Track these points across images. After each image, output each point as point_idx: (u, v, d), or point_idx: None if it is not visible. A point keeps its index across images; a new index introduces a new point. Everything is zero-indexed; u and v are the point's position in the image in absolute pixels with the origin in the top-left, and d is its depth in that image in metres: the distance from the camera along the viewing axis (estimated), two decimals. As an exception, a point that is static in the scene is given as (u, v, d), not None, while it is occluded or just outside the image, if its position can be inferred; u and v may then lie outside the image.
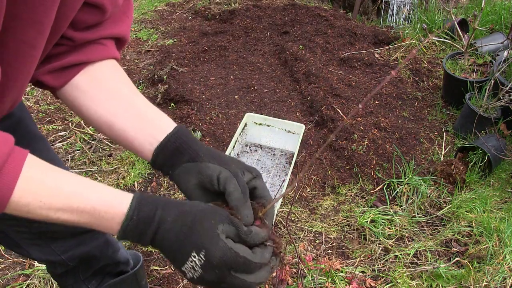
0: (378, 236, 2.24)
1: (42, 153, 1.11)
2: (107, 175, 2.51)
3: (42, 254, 1.23)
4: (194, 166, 0.80)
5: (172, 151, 0.83)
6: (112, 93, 0.87)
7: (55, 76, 0.85)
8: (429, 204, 2.47)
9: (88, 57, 0.85)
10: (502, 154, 2.64)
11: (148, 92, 3.24)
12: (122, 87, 0.89)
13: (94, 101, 0.86)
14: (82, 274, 1.36)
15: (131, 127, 0.85)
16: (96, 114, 0.86)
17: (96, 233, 1.29)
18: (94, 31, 0.85)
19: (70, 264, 1.28)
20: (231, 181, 0.76)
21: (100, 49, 0.87)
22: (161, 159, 0.83)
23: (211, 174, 0.78)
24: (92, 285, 1.40)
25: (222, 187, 0.77)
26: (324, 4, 4.87)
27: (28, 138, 1.06)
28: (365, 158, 2.65)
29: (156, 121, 0.86)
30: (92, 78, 0.87)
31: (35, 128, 1.10)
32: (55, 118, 2.93)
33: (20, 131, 1.03)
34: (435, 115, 3.15)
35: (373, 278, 2.05)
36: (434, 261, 2.13)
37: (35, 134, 1.09)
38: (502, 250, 2.14)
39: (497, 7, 4.14)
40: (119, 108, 0.86)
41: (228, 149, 2.39)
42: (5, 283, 1.92)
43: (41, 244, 1.21)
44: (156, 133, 0.84)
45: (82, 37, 0.84)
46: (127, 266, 1.49)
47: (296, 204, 2.40)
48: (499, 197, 2.54)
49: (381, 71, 3.56)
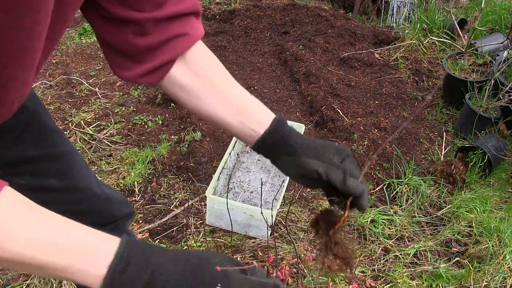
0: (378, 236, 2.24)
1: (59, 147, 1.11)
2: (107, 175, 2.51)
3: None
4: (291, 160, 0.89)
5: (271, 145, 0.90)
6: (209, 86, 0.91)
7: (150, 76, 0.88)
8: (429, 204, 2.47)
9: (176, 52, 0.88)
10: (502, 154, 2.64)
11: (148, 92, 3.24)
12: (217, 77, 0.93)
13: (192, 95, 0.91)
14: None
15: (232, 119, 0.91)
16: (197, 108, 0.93)
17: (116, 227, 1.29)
18: (162, 9, 0.84)
19: None
20: (330, 172, 0.85)
21: (183, 39, 0.88)
22: (262, 151, 0.92)
23: (310, 169, 0.86)
24: None
25: (325, 177, 0.85)
26: (324, 4, 4.86)
27: (44, 132, 1.06)
28: (365, 158, 2.65)
29: (254, 114, 0.92)
30: (187, 70, 0.91)
31: (50, 122, 1.09)
32: (55, 118, 2.93)
33: (34, 125, 1.03)
34: (435, 115, 3.15)
35: (373, 278, 2.05)
36: (434, 261, 2.13)
37: (51, 128, 1.08)
38: (502, 250, 2.14)
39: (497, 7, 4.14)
40: (218, 102, 0.91)
41: (228, 149, 2.39)
42: (5, 283, 1.92)
43: None
44: (256, 127, 0.91)
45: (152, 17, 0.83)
46: None
47: (296, 204, 2.40)
48: (499, 197, 2.54)
49: (381, 71, 3.56)
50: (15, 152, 1.02)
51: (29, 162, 1.05)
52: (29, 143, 1.04)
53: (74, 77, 3.32)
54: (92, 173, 1.25)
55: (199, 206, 2.34)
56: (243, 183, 2.48)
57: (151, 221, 2.26)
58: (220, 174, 2.28)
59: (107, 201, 1.25)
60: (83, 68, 3.45)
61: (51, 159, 1.08)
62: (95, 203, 1.21)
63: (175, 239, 2.18)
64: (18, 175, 1.05)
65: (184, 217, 2.28)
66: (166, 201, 2.39)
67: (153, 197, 2.40)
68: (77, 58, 3.58)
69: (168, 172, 2.55)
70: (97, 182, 1.24)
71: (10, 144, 1.01)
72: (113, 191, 1.31)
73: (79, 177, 1.16)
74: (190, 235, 2.18)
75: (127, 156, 2.62)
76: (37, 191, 1.09)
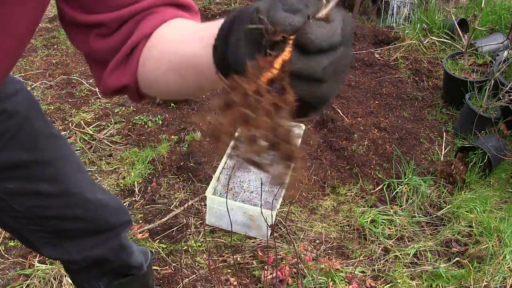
0: (378, 236, 2.24)
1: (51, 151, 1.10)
2: (107, 175, 2.51)
3: (56, 253, 1.22)
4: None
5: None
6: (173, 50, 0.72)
7: (118, 73, 0.74)
8: (429, 204, 2.47)
9: (138, 36, 0.72)
10: (502, 154, 2.64)
11: (148, 92, 3.24)
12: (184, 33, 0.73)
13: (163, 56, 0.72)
14: (95, 272, 1.36)
15: (195, 47, 0.68)
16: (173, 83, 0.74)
17: (112, 236, 1.29)
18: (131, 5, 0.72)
19: (84, 265, 1.28)
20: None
21: (145, 21, 0.72)
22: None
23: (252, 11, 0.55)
24: (103, 282, 1.40)
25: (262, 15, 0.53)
26: (324, 4, 4.86)
27: (36, 137, 1.05)
28: (365, 158, 2.65)
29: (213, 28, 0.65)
30: (153, 44, 0.73)
31: (44, 126, 1.08)
32: (55, 118, 2.93)
33: (26, 130, 1.03)
34: (435, 115, 3.15)
35: (373, 278, 2.05)
36: (434, 261, 2.13)
37: (45, 132, 1.08)
38: (502, 250, 2.14)
39: (497, 7, 4.14)
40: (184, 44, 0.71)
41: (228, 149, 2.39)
42: (5, 283, 1.92)
43: (55, 244, 1.20)
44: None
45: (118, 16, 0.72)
46: (140, 270, 1.47)
47: (296, 204, 2.40)
48: (499, 197, 2.54)
49: (381, 71, 3.56)
50: (6, 157, 1.02)
51: (20, 167, 1.05)
52: (20, 148, 1.03)
53: (74, 77, 3.32)
54: (87, 178, 1.23)
55: (199, 206, 2.34)
56: (243, 183, 2.48)
57: (151, 221, 2.26)
58: (220, 174, 2.28)
59: (102, 207, 1.23)
60: (83, 68, 3.45)
61: (43, 164, 1.08)
62: (89, 209, 1.19)
63: (175, 239, 2.18)
64: (10, 179, 1.05)
65: (184, 217, 2.28)
66: (166, 201, 2.39)
67: (153, 197, 2.40)
68: (77, 58, 3.58)
69: (168, 172, 2.55)
70: (92, 187, 1.22)
71: (2, 148, 1.00)
72: (109, 197, 1.28)
73: (72, 182, 1.15)
74: (190, 235, 2.18)
75: (127, 156, 2.62)
76: (30, 196, 1.09)
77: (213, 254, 2.07)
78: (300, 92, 0.50)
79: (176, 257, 2.05)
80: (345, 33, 0.51)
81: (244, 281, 1.97)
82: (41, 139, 1.07)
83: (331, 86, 0.51)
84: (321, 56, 0.49)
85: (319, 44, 0.48)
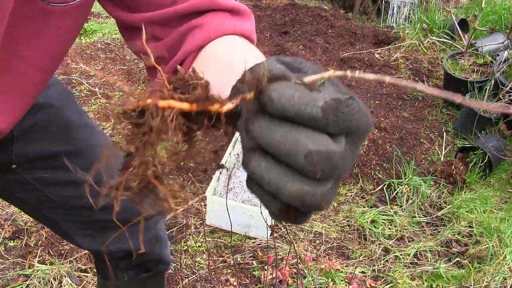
0: (378, 236, 2.24)
1: (85, 141, 1.10)
2: (107, 175, 2.51)
3: (91, 244, 1.22)
4: None
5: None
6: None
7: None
8: (429, 204, 2.47)
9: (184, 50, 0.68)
10: (502, 154, 2.64)
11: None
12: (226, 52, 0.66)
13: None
14: (124, 263, 1.36)
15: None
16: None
17: (148, 226, 1.29)
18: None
19: (117, 255, 1.28)
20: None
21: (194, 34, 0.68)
22: None
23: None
24: (128, 274, 1.39)
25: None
26: (324, 4, 4.86)
27: (68, 127, 1.06)
28: (365, 158, 2.65)
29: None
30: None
31: (77, 117, 1.09)
32: (55, 118, 2.93)
33: (59, 120, 1.04)
34: (435, 115, 3.15)
35: (373, 278, 2.05)
36: (434, 262, 2.13)
37: (77, 122, 1.09)
38: (502, 250, 2.14)
39: (497, 7, 4.14)
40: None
41: (228, 149, 2.39)
42: (5, 283, 1.92)
43: (91, 234, 1.20)
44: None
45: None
46: (167, 266, 1.46)
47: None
48: (499, 197, 2.54)
49: (381, 71, 3.56)
50: (39, 148, 1.03)
51: (53, 157, 1.06)
52: (53, 139, 1.05)
53: (74, 77, 3.32)
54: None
55: (199, 206, 2.34)
56: (243, 183, 2.48)
57: (151, 221, 2.26)
58: (220, 174, 2.28)
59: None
60: (83, 68, 3.45)
61: (76, 154, 1.09)
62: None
63: (175, 239, 2.18)
64: (44, 169, 1.06)
65: (184, 218, 2.28)
66: (166, 201, 2.39)
67: (153, 197, 2.40)
68: (77, 58, 3.58)
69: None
70: None
71: (34, 139, 1.02)
72: None
73: (105, 171, 1.15)
74: (190, 235, 2.18)
75: (127, 156, 2.62)
76: (64, 186, 1.10)
77: (213, 254, 2.07)
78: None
79: (176, 257, 2.05)
80: (336, 117, 0.35)
81: (244, 282, 1.97)
82: (74, 129, 1.08)
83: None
84: (283, 126, 0.37)
85: (280, 108, 0.36)
